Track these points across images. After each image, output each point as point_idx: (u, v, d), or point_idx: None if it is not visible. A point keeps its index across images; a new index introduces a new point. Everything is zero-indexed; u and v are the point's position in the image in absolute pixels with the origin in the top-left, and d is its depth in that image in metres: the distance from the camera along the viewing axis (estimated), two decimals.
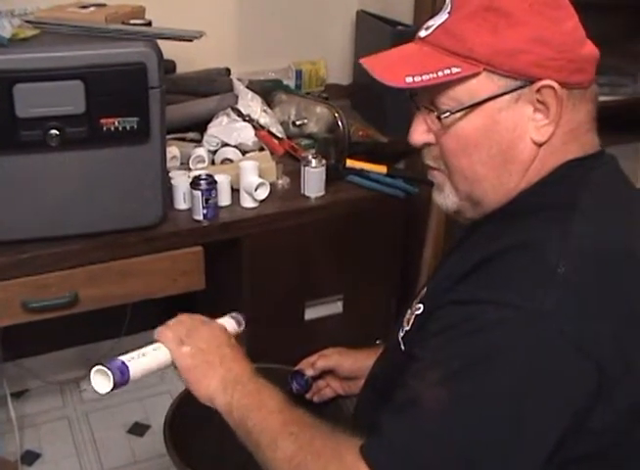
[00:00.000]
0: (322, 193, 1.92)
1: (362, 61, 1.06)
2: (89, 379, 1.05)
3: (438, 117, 1.01)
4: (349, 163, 1.98)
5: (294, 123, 2.17)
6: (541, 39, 0.96)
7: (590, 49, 1.02)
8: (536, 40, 0.96)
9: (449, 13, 1.01)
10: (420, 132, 1.06)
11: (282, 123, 2.16)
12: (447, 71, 0.97)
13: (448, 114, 1.00)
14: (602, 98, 2.39)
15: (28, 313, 1.63)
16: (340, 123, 2.01)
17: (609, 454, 0.94)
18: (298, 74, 2.51)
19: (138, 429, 2.36)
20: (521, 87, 0.97)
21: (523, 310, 0.88)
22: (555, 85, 0.96)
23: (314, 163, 1.89)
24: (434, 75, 0.97)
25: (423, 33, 1.04)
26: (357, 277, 2.03)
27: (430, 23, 1.04)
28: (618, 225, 0.99)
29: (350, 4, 2.53)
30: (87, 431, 2.34)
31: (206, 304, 2.04)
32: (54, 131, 1.48)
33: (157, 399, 2.45)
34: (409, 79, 0.98)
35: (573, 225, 0.94)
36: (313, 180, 1.90)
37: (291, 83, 2.49)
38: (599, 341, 0.88)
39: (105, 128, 1.51)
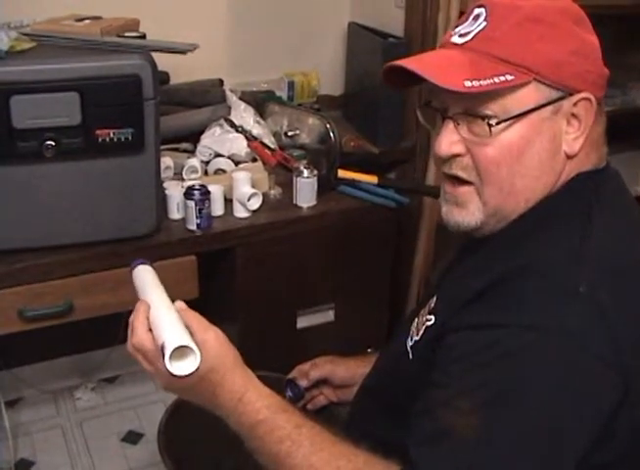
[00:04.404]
0: (314, 203, 1.93)
1: (402, 62, 1.00)
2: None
3: (489, 125, 0.97)
4: (341, 173, 1.99)
5: (286, 134, 2.19)
6: (580, 52, 0.98)
7: (604, 66, 1.04)
8: (577, 53, 0.97)
9: (486, 21, 0.98)
10: (451, 142, 1.01)
11: (274, 134, 2.18)
12: (502, 78, 0.95)
13: (497, 121, 0.97)
14: None
15: (24, 322, 1.64)
16: (331, 134, 2.02)
17: (624, 463, 0.95)
18: (291, 86, 2.53)
19: (132, 437, 2.37)
20: (561, 98, 0.98)
21: (547, 332, 0.88)
22: (592, 98, 0.98)
23: (306, 173, 1.91)
24: (491, 82, 0.95)
25: (459, 40, 1.01)
26: (349, 286, 2.05)
27: (461, 30, 1.01)
28: (631, 239, 1.00)
29: (342, 16, 2.56)
30: (81, 439, 2.34)
31: (200, 313, 2.05)
32: (50, 142, 1.49)
33: (150, 408, 2.45)
34: (468, 83, 0.94)
35: (590, 241, 0.94)
36: (305, 190, 1.92)
37: (283, 94, 2.51)
38: (623, 354, 0.89)
39: (100, 139, 1.52)
